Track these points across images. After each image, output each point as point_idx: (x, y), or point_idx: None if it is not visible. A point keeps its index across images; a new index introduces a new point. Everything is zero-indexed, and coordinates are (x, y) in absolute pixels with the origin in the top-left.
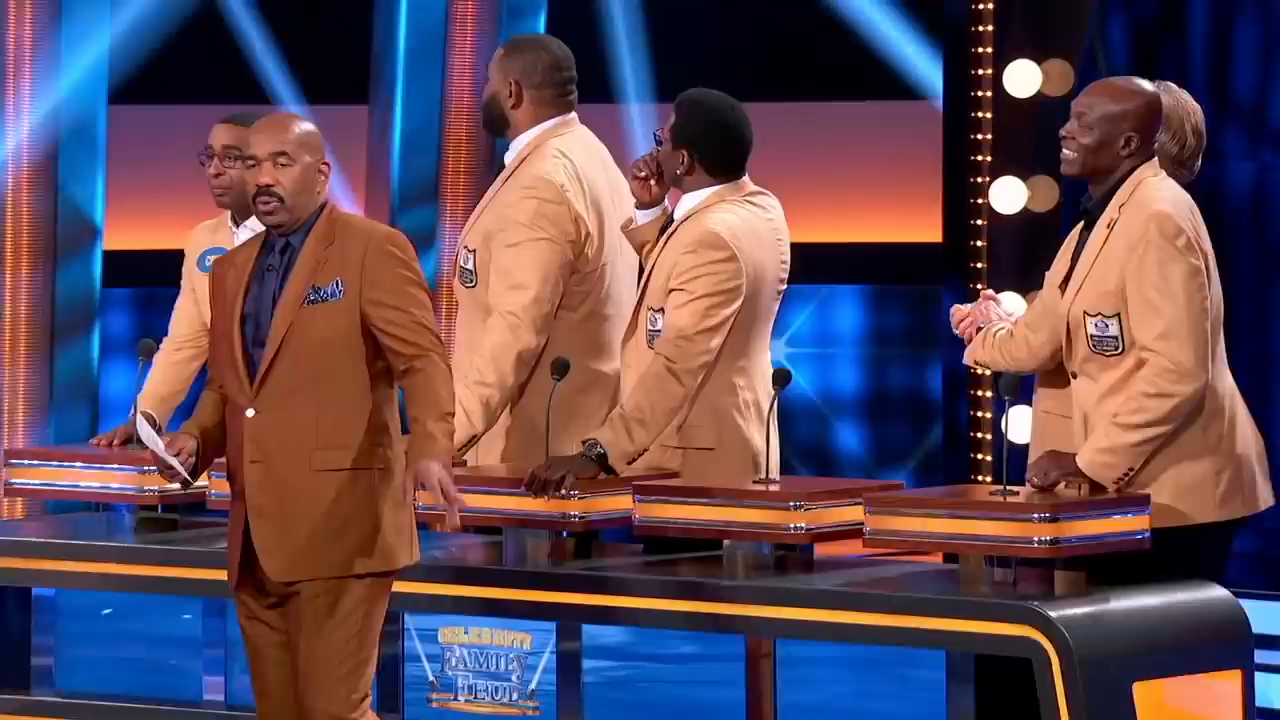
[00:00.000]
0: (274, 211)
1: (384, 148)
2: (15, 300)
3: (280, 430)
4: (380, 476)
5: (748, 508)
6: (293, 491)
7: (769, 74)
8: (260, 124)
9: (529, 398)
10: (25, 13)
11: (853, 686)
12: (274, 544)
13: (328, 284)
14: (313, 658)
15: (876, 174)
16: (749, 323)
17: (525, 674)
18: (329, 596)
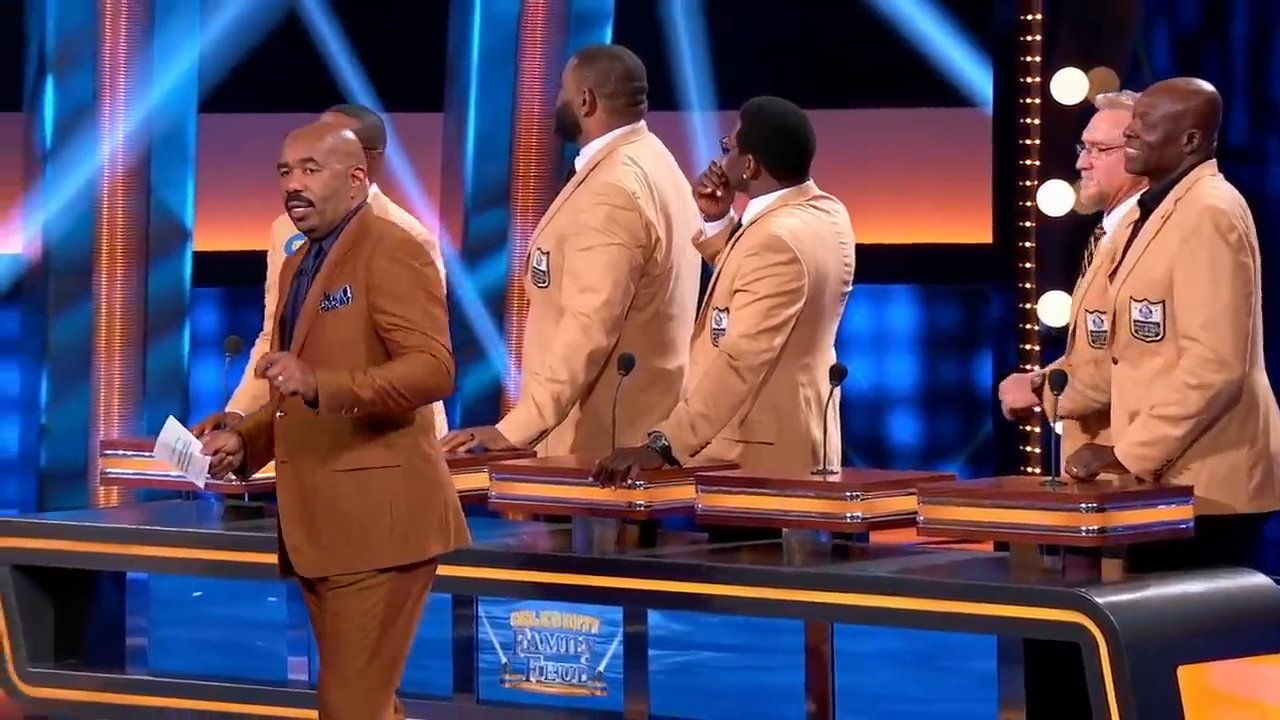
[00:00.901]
0: (305, 216)
1: (458, 153)
2: (110, 299)
3: (303, 432)
4: (402, 473)
5: (806, 497)
6: (315, 491)
7: (826, 82)
8: (293, 132)
9: (597, 393)
10: (120, 27)
11: (907, 670)
12: (300, 542)
13: (336, 291)
14: (331, 651)
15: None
16: (812, 322)
17: (593, 656)
18: (350, 591)
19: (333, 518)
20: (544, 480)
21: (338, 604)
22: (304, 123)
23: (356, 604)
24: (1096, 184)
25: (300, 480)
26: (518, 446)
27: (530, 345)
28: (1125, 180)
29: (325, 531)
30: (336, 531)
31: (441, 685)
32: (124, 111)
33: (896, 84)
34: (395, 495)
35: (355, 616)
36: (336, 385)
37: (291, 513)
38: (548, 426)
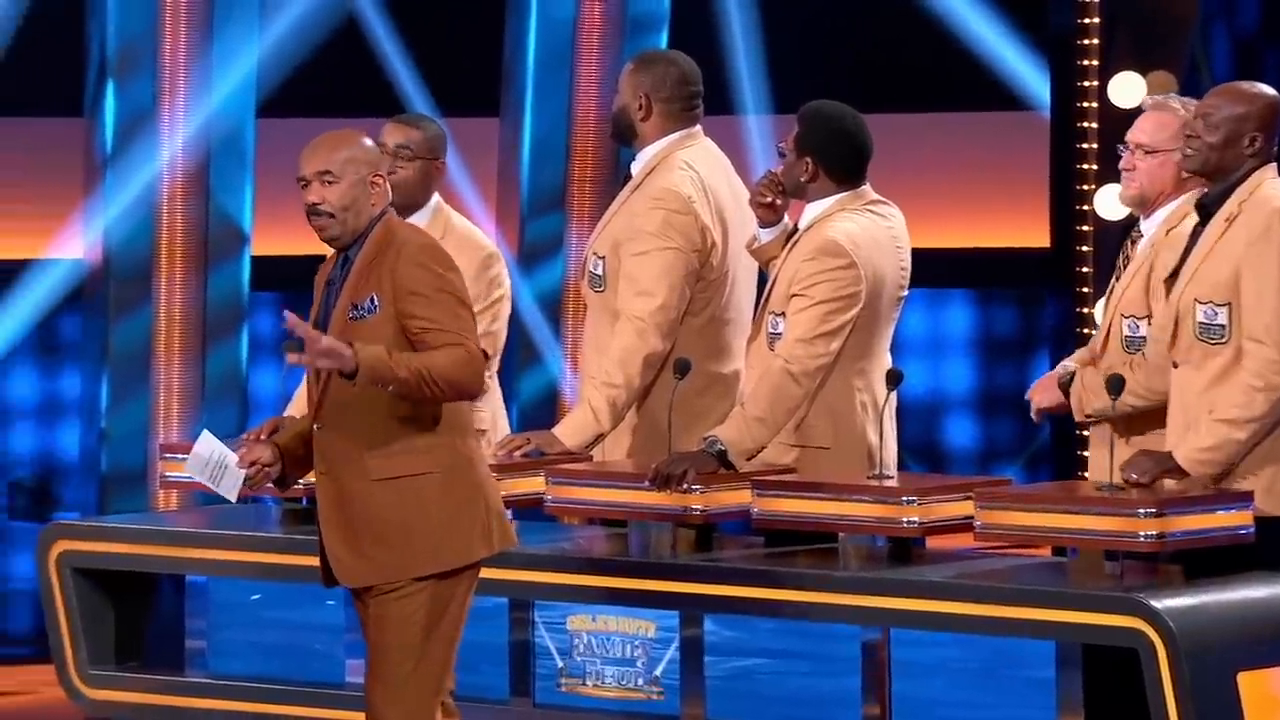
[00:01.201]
0: (326, 228)
1: (514, 157)
2: (170, 303)
3: (340, 443)
4: (440, 480)
5: (862, 502)
6: (353, 501)
7: (882, 86)
8: (309, 145)
9: (653, 397)
10: (180, 32)
11: (964, 676)
12: (341, 551)
13: (363, 300)
14: (377, 658)
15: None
16: (869, 327)
17: (650, 660)
18: (392, 599)
19: (373, 527)
20: (600, 484)
21: (381, 611)
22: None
23: (400, 611)
24: (1138, 186)
25: (339, 490)
26: (573, 450)
27: (587, 350)
28: (1167, 184)
29: (366, 541)
30: (377, 540)
31: (498, 689)
32: (183, 116)
33: (953, 88)
34: (434, 502)
35: (399, 623)
36: (375, 357)
37: (332, 523)
38: (603, 430)
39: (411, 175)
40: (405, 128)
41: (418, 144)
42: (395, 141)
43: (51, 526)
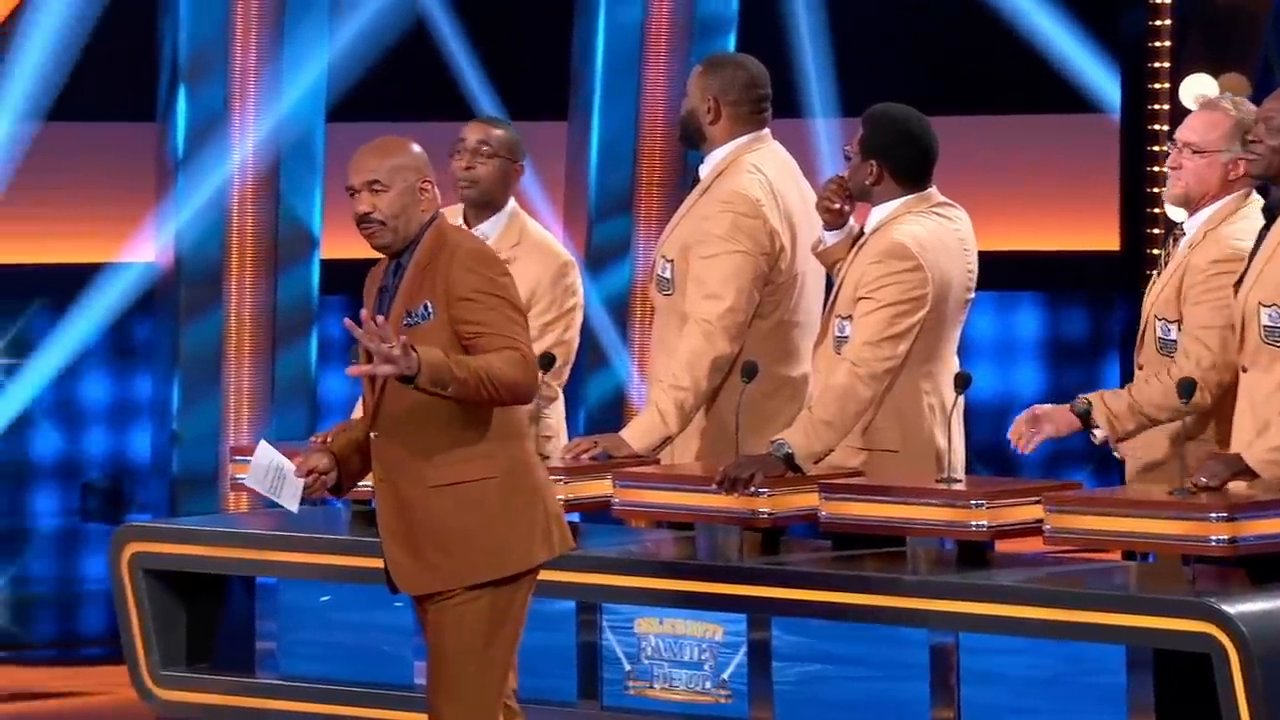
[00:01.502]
0: (376, 235)
1: (581, 161)
2: (240, 306)
3: (397, 450)
4: (498, 485)
5: (931, 505)
6: (413, 509)
7: (951, 89)
8: (357, 153)
9: (721, 400)
10: (251, 37)
11: (1034, 681)
12: (402, 559)
13: (418, 307)
14: (439, 663)
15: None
16: (936, 329)
17: (717, 663)
18: (452, 604)
19: (432, 534)
20: (667, 487)
21: (442, 617)
22: (430, 131)
23: (461, 616)
24: (1184, 185)
25: (398, 498)
26: (641, 453)
27: (654, 352)
28: (1213, 184)
29: (425, 548)
30: (436, 548)
31: (565, 692)
32: (254, 120)
33: (1023, 90)
34: (493, 507)
35: (460, 629)
36: (435, 359)
37: (392, 530)
38: (671, 433)
39: (490, 173)
40: (486, 126)
41: (497, 142)
42: (476, 138)
43: (124, 528)
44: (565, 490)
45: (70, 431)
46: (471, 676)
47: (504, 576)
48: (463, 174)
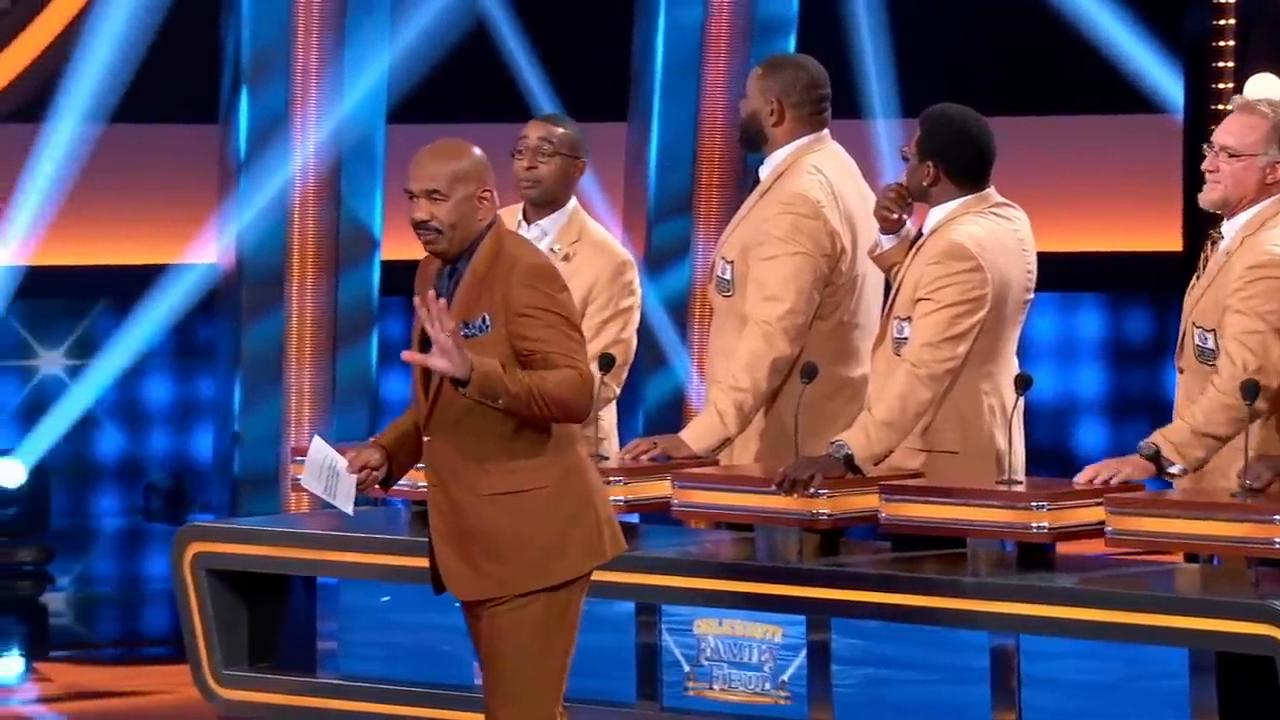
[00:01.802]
0: (434, 242)
1: (641, 162)
2: (301, 307)
3: (450, 456)
4: (550, 494)
5: (991, 507)
6: (465, 515)
7: (1013, 89)
8: (420, 156)
9: (781, 401)
10: (312, 39)
11: (1095, 684)
12: (455, 565)
13: (475, 319)
14: (495, 669)
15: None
16: (995, 330)
17: (777, 665)
18: (506, 610)
19: (485, 542)
20: (726, 488)
21: (496, 623)
22: (490, 132)
23: (516, 621)
24: (1222, 189)
25: (451, 504)
26: (700, 455)
27: (714, 354)
28: (1250, 189)
29: (478, 556)
30: (490, 555)
31: (624, 693)
32: (315, 122)
33: (1085, 90)
34: (546, 516)
35: (515, 635)
36: (490, 369)
37: (444, 534)
38: (730, 434)
39: (552, 171)
40: (547, 124)
41: (559, 140)
42: (537, 136)
43: (186, 528)
44: (624, 491)
45: (133, 432)
46: (529, 680)
47: (555, 584)
48: (525, 174)
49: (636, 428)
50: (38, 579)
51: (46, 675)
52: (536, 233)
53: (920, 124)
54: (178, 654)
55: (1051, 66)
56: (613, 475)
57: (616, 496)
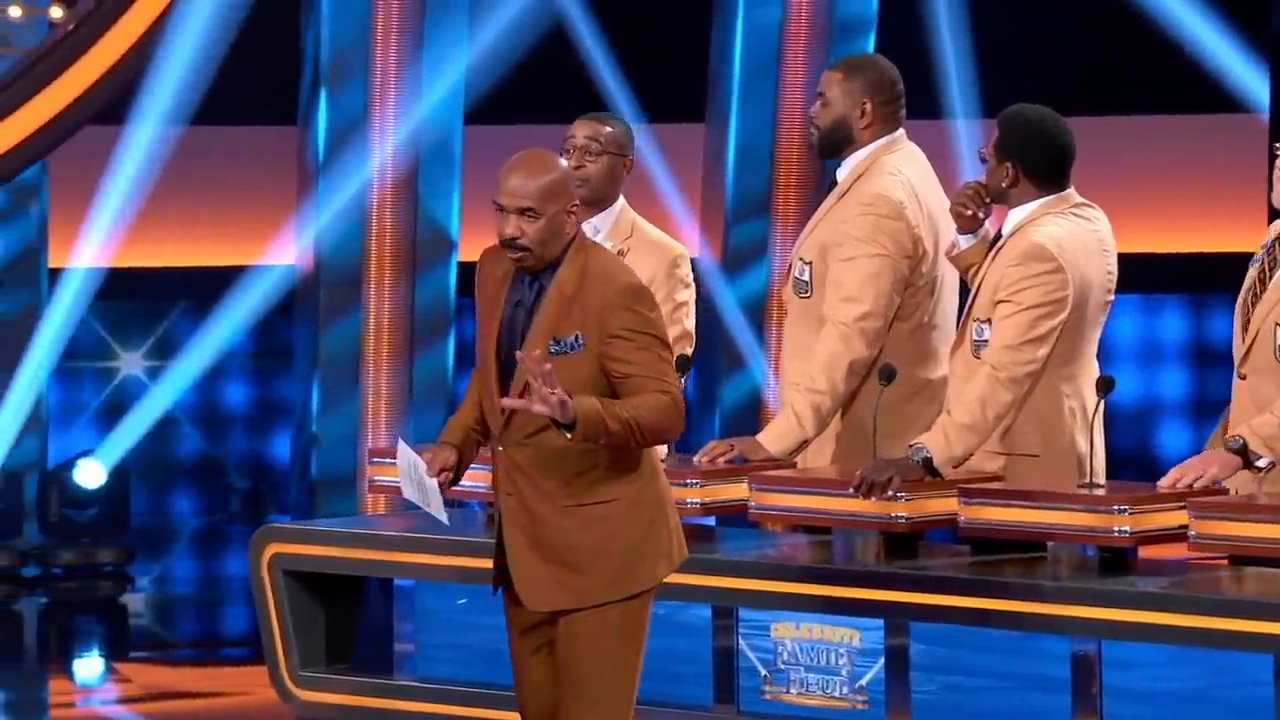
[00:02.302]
0: (523, 259)
1: (719, 163)
2: (378, 309)
3: (529, 467)
4: (626, 505)
5: (1072, 511)
6: (544, 526)
7: (1095, 89)
8: (511, 171)
9: (858, 403)
10: (391, 41)
11: (1179, 690)
12: (530, 575)
13: (568, 336)
14: (573, 677)
15: (1202, 186)
16: (1076, 332)
17: (855, 669)
18: (582, 617)
19: (565, 553)
20: (804, 491)
21: (574, 630)
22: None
23: (592, 630)
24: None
25: (528, 514)
26: (777, 457)
27: (789, 355)
28: None
29: (554, 565)
30: (568, 567)
31: (702, 696)
32: (393, 124)
33: (1169, 90)
34: (624, 526)
35: (593, 642)
36: (591, 411)
37: (519, 544)
38: (807, 437)
39: (599, 170)
40: (594, 123)
41: (606, 139)
42: (584, 135)
43: (263, 530)
44: (701, 493)
45: (212, 433)
46: (606, 687)
47: (630, 595)
48: (574, 173)
49: (713, 430)
50: (118, 580)
51: (126, 676)
52: (589, 231)
53: (999, 124)
54: (255, 655)
55: (1134, 65)
56: (689, 478)
57: (693, 499)
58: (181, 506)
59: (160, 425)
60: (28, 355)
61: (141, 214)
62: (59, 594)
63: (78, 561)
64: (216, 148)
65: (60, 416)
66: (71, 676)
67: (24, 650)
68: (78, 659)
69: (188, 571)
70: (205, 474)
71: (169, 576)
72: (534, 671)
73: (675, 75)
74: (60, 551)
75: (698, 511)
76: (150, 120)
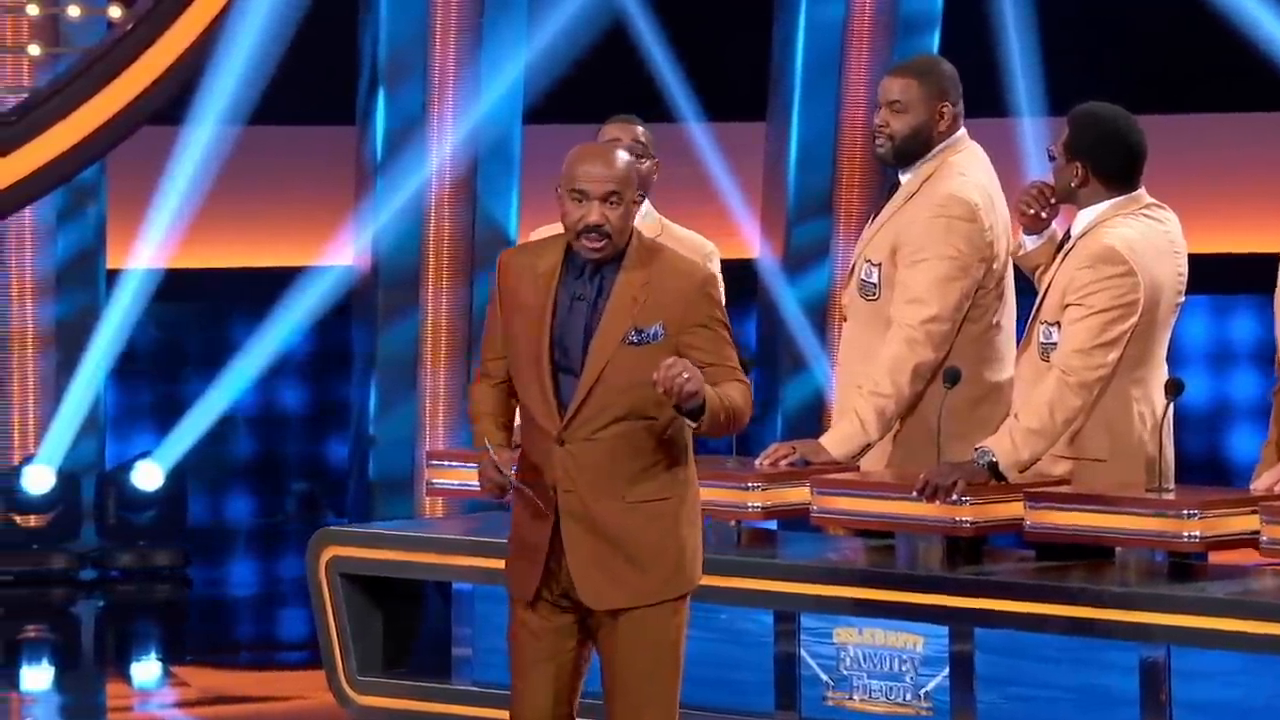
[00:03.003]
0: (602, 248)
1: (780, 162)
2: (436, 310)
3: (591, 463)
4: (682, 501)
5: (1141, 515)
6: (606, 522)
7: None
8: (590, 159)
9: (923, 405)
10: (450, 40)
11: (1249, 697)
12: (591, 572)
13: (650, 326)
14: (633, 678)
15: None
16: (1146, 335)
17: (918, 676)
18: (646, 622)
19: (626, 549)
20: (867, 495)
21: (637, 632)
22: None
23: (658, 630)
24: None
25: (588, 511)
26: (840, 460)
27: (850, 357)
28: None
29: (617, 564)
30: (629, 564)
31: (763, 703)
32: (452, 123)
33: (1239, 88)
34: (682, 524)
35: (655, 643)
36: (712, 397)
37: (579, 542)
38: (871, 440)
39: (647, 171)
40: (629, 125)
41: (646, 140)
42: (628, 137)
43: (321, 533)
44: (762, 497)
45: (269, 435)
46: (664, 684)
47: (683, 594)
48: None
49: (775, 432)
50: (175, 582)
51: (183, 679)
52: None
53: (1069, 123)
54: (313, 659)
55: (1205, 62)
56: (751, 480)
57: (754, 502)
58: (238, 509)
59: (218, 427)
60: (86, 357)
61: (199, 215)
62: (116, 597)
63: (135, 564)
64: (274, 148)
65: (118, 418)
66: (129, 680)
67: (81, 654)
68: (135, 662)
69: (245, 574)
70: (262, 476)
71: (226, 579)
72: (540, 679)
73: (736, 73)
74: (117, 554)
75: (759, 515)
76: (208, 120)
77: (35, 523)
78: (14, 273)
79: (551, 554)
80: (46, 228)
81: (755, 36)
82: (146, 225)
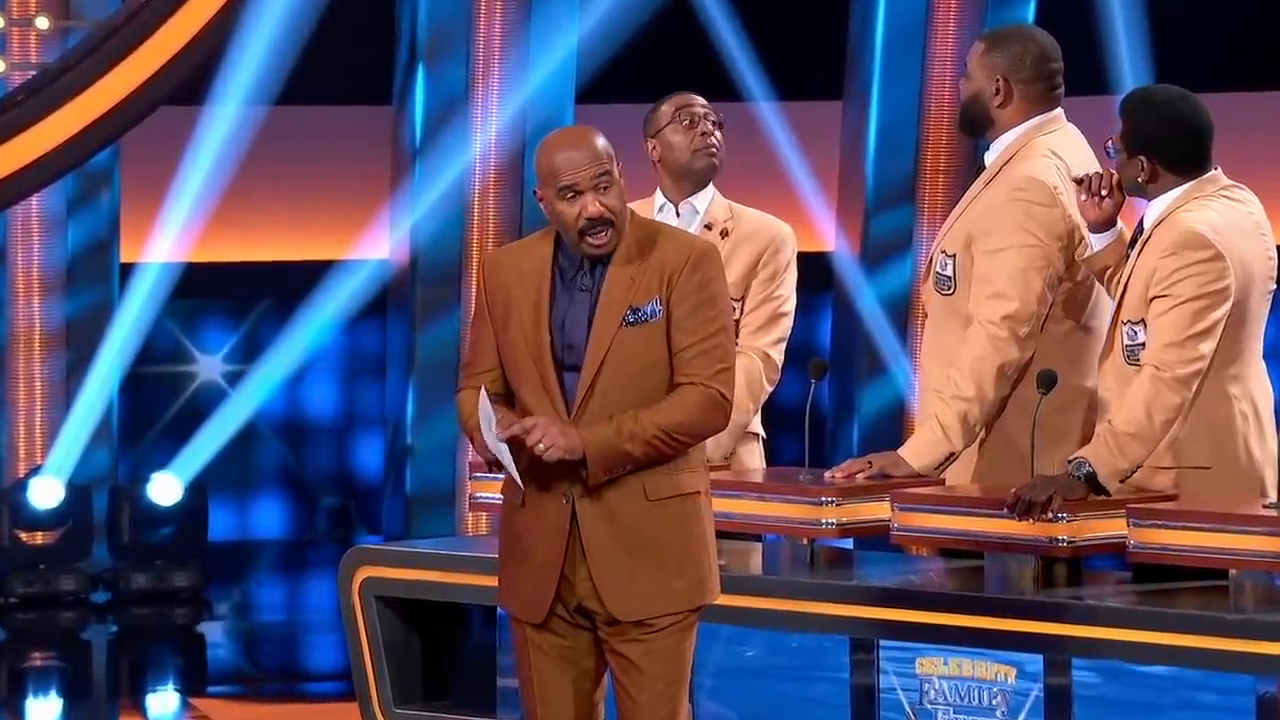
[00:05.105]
0: (607, 241)
1: (858, 146)
2: None
3: None
4: (702, 500)
5: (1258, 535)
6: (628, 523)
7: (1273, 60)
8: (565, 146)
9: (1008, 412)
10: (495, 14)
11: None
12: (616, 580)
13: (646, 303)
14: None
15: None
16: (1238, 325)
17: (1010, 709)
18: (674, 628)
19: (652, 551)
20: (952, 511)
21: (657, 644)
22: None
23: (678, 643)
24: None
25: (607, 512)
26: (921, 473)
27: (930, 359)
28: None
29: (645, 569)
30: (657, 567)
31: None
32: (497, 104)
33: None
34: (704, 524)
35: (680, 655)
36: (604, 445)
37: (600, 547)
38: (954, 449)
39: (723, 140)
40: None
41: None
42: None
43: (353, 551)
44: (838, 513)
45: (297, 445)
46: (679, 702)
47: (706, 603)
48: (710, 142)
49: (852, 443)
50: (194, 605)
51: (204, 712)
52: (688, 211)
53: (1122, 113)
54: (345, 690)
55: None
56: (824, 496)
57: (828, 519)
58: (263, 525)
59: (241, 436)
60: (97, 359)
61: (221, 204)
62: (130, 621)
63: (151, 586)
64: (303, 130)
65: (132, 427)
66: (144, 713)
67: (92, 683)
68: (151, 693)
69: (270, 597)
70: (289, 489)
71: (250, 602)
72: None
73: (809, 48)
74: (132, 575)
75: (834, 533)
76: (231, 101)
77: (42, 540)
78: (20, 267)
79: (566, 563)
80: (55, 218)
81: (831, 8)
82: (163, 215)
